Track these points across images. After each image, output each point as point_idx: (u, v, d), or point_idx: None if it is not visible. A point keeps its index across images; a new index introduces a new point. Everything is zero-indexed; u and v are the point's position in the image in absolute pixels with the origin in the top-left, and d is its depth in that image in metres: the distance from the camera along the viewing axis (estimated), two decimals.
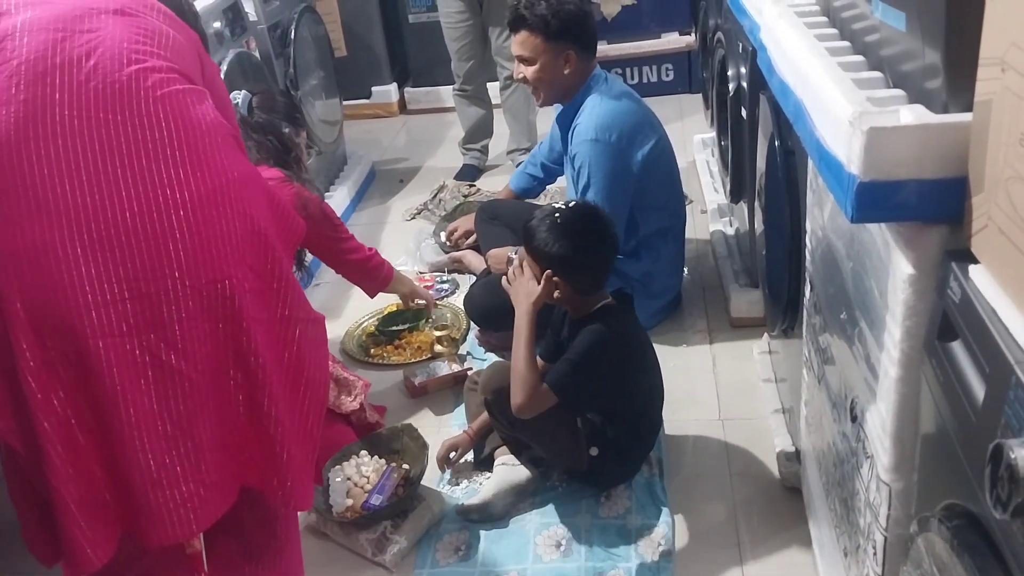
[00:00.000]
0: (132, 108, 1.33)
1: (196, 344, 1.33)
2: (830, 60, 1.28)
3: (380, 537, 2.03)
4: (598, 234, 2.00)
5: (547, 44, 2.52)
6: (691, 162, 3.79)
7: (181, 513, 1.36)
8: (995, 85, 0.87)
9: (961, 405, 0.90)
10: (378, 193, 4.05)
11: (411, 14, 4.76)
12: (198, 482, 1.37)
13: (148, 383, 1.31)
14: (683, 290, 2.87)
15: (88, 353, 1.27)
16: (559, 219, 1.95)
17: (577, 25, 2.55)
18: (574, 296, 2.00)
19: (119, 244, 1.28)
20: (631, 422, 2.08)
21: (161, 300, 1.30)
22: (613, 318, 2.02)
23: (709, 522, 2.03)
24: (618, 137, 2.51)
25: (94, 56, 1.34)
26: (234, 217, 1.37)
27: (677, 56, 4.66)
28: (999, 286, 0.87)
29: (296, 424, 1.47)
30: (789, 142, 1.88)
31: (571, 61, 2.55)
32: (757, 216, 2.36)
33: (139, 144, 1.32)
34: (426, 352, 2.75)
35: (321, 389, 1.54)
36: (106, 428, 1.31)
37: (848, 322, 1.36)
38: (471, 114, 4.03)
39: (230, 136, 1.46)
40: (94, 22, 1.37)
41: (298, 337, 1.47)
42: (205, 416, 1.36)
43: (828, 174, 1.16)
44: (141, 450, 1.32)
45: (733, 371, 2.53)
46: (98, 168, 1.29)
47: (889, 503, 1.18)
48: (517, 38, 2.56)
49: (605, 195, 2.49)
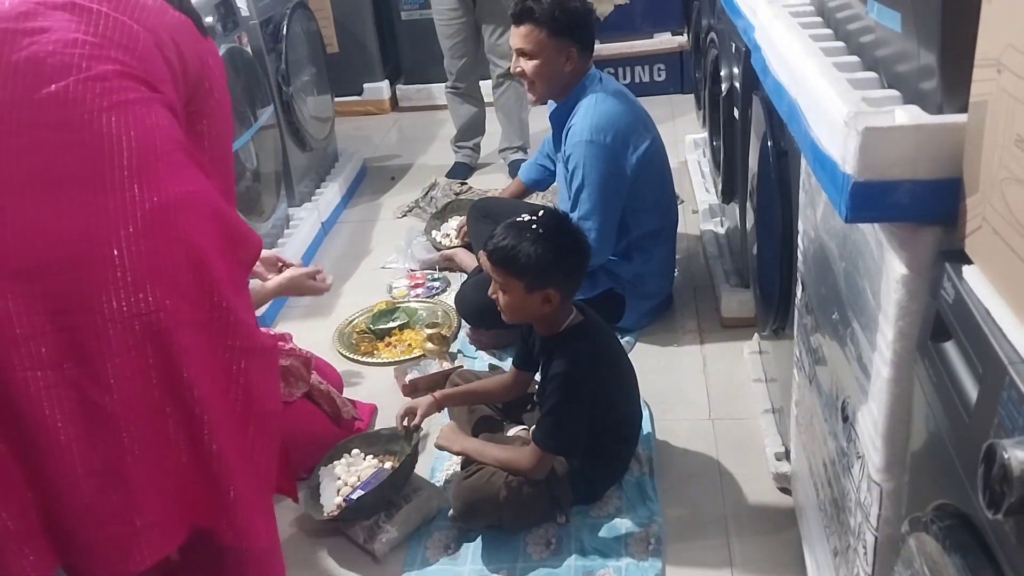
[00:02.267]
0: (73, 125, 1.26)
1: (125, 380, 1.28)
2: (825, 60, 1.28)
3: (373, 525, 2.03)
4: (577, 235, 1.99)
5: (551, 39, 2.52)
6: (682, 162, 3.79)
7: (114, 552, 1.32)
8: (990, 86, 0.87)
9: (954, 405, 0.90)
10: (369, 190, 4.05)
11: (404, 11, 4.76)
12: (131, 521, 1.32)
13: (75, 418, 1.26)
14: (674, 290, 2.88)
15: (15, 385, 1.23)
16: (540, 229, 1.91)
17: (581, 22, 2.56)
18: (559, 305, 1.97)
19: (47, 275, 1.24)
20: (612, 429, 2.08)
21: (88, 334, 1.26)
22: (581, 341, 1.99)
23: (699, 522, 2.03)
24: (613, 139, 2.51)
25: (35, 63, 1.26)
26: (172, 245, 1.31)
27: (669, 56, 4.67)
28: (993, 287, 0.88)
29: (244, 460, 1.42)
30: (782, 142, 1.88)
31: (572, 58, 2.55)
32: (749, 216, 2.36)
33: (76, 167, 1.26)
34: (417, 350, 2.74)
35: (272, 422, 1.48)
36: (36, 461, 1.27)
37: (840, 322, 1.36)
38: (463, 112, 4.03)
39: (180, 149, 1.37)
40: (40, 20, 1.29)
41: (244, 369, 1.41)
42: (140, 454, 1.31)
43: (822, 174, 1.16)
44: (70, 484, 1.28)
45: (723, 371, 2.54)
46: (28, 194, 1.23)
47: (880, 503, 1.18)
48: (520, 31, 2.55)
49: (599, 196, 2.49)
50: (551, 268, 1.90)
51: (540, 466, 1.97)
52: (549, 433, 1.96)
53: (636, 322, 2.73)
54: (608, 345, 2.09)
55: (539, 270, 1.90)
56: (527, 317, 2.01)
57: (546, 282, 1.92)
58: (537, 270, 1.90)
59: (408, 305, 2.99)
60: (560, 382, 1.94)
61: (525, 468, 1.97)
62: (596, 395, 1.98)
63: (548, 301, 1.94)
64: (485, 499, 1.97)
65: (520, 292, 1.93)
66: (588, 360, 1.97)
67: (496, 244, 1.93)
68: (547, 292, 1.93)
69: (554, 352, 1.98)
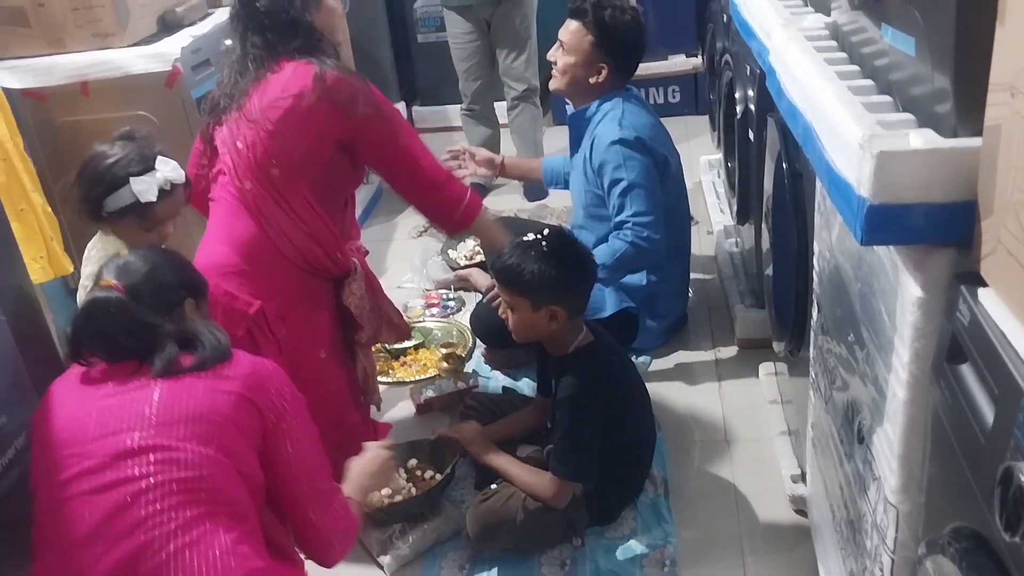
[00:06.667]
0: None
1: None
2: (840, 84, 1.29)
3: (387, 539, 2.04)
4: (582, 254, 2.01)
5: (592, 47, 2.56)
6: (697, 183, 3.80)
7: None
8: (1005, 110, 0.88)
9: (970, 427, 0.90)
10: (385, 210, 4.07)
11: (420, 33, 4.79)
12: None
13: None
14: (689, 310, 2.88)
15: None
16: (545, 247, 1.93)
17: (627, 48, 2.59)
18: (566, 324, 1.98)
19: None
20: (626, 451, 2.08)
21: None
22: (590, 362, 1.99)
23: (714, 543, 2.03)
24: (639, 137, 2.52)
25: (118, 520, 1.32)
26: None
27: (684, 78, 4.69)
28: (1009, 309, 0.88)
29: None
30: (797, 164, 1.89)
31: (603, 73, 2.58)
32: (764, 237, 2.37)
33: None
34: (432, 370, 2.75)
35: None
36: None
37: (856, 344, 1.36)
38: (478, 133, 4.06)
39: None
40: (118, 473, 1.34)
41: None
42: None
43: (837, 196, 1.17)
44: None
45: (739, 392, 2.53)
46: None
47: (896, 525, 1.18)
48: (570, 25, 2.59)
49: (646, 189, 2.47)
50: (555, 285, 1.92)
51: (561, 495, 1.97)
52: (564, 459, 1.96)
53: (651, 342, 2.73)
54: (619, 366, 2.10)
55: (543, 287, 1.92)
56: (536, 335, 2.02)
57: (551, 299, 1.94)
58: (542, 287, 1.92)
59: (423, 325, 3.01)
60: (570, 404, 1.94)
61: (547, 497, 1.97)
62: (607, 416, 1.98)
63: (555, 318, 1.95)
64: (502, 522, 1.97)
65: (527, 310, 1.95)
66: (597, 380, 1.97)
67: (503, 263, 1.95)
68: (553, 309, 1.94)
69: (564, 372, 1.99)
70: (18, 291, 1.74)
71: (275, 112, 2.00)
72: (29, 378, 1.67)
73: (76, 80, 2.73)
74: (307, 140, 2.03)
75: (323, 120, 2.02)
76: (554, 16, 3.35)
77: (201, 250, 2.11)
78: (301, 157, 2.04)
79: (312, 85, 1.99)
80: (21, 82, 2.72)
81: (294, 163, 2.04)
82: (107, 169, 1.88)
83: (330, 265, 2.16)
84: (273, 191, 2.04)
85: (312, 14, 2.08)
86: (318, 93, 1.99)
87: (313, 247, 2.10)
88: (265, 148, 2.02)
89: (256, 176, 2.04)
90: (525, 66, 3.84)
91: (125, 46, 2.76)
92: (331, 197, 2.17)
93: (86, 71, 2.73)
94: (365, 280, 2.25)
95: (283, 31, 2.04)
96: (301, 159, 2.04)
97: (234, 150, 2.05)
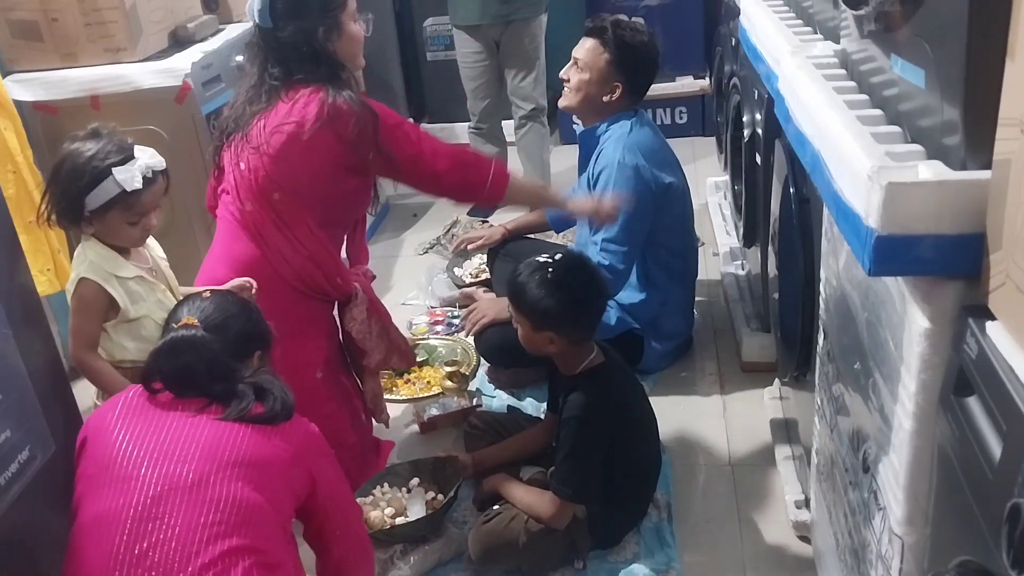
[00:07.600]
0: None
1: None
2: (849, 113, 1.29)
3: (389, 560, 2.03)
4: (589, 286, 2.01)
5: (607, 66, 2.58)
6: (703, 204, 3.80)
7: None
8: (1014, 145, 0.88)
9: (977, 462, 0.90)
10: (391, 227, 4.08)
11: (429, 52, 4.82)
12: None
13: None
14: (694, 333, 2.87)
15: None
16: (550, 274, 1.94)
17: (642, 70, 2.62)
18: (567, 348, 1.99)
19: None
20: (630, 474, 2.07)
21: None
22: (596, 383, 1.99)
23: (717, 568, 2.01)
24: (642, 163, 2.52)
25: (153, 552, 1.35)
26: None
27: (691, 99, 4.71)
28: (1017, 344, 0.88)
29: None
30: (804, 189, 1.89)
31: (616, 93, 2.59)
32: (770, 261, 2.37)
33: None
34: (436, 387, 2.75)
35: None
36: None
37: (862, 372, 1.36)
38: (486, 152, 4.06)
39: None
40: (163, 507, 1.38)
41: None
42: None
43: (845, 226, 1.17)
44: None
45: (744, 416, 2.52)
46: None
47: (901, 556, 1.18)
48: (586, 43, 2.61)
49: (625, 219, 2.47)
50: (551, 315, 1.93)
51: (560, 515, 1.96)
52: (565, 480, 1.95)
53: (655, 364, 2.72)
54: (627, 389, 2.09)
55: (540, 314, 1.93)
56: (539, 352, 2.03)
57: (548, 326, 1.95)
58: (538, 314, 1.93)
59: (428, 342, 3.01)
60: (574, 426, 1.94)
61: (546, 517, 1.96)
62: (612, 439, 1.97)
63: (552, 343, 1.97)
64: (504, 544, 1.96)
65: (528, 328, 1.98)
66: (603, 402, 1.97)
67: (514, 278, 1.97)
68: (549, 335, 1.95)
69: (571, 392, 1.98)
70: (24, 304, 1.74)
71: (278, 137, 2.01)
72: (34, 392, 1.66)
73: (87, 94, 2.75)
74: (311, 167, 2.04)
75: (325, 151, 2.02)
76: (563, 37, 3.37)
77: (203, 269, 2.15)
78: (305, 183, 2.05)
79: (316, 114, 1.99)
80: (33, 95, 2.74)
81: (297, 188, 2.05)
82: (87, 162, 1.80)
83: (329, 288, 2.17)
84: (273, 214, 2.06)
85: (335, 43, 2.08)
86: (321, 122, 1.99)
87: (312, 269, 2.12)
88: (267, 172, 2.03)
89: (257, 198, 2.05)
90: (533, 86, 3.85)
91: (136, 61, 2.79)
92: (339, 221, 2.19)
93: (97, 85, 2.75)
94: (371, 305, 2.26)
95: (304, 62, 2.05)
96: (305, 185, 2.05)
97: (237, 170, 2.07)
